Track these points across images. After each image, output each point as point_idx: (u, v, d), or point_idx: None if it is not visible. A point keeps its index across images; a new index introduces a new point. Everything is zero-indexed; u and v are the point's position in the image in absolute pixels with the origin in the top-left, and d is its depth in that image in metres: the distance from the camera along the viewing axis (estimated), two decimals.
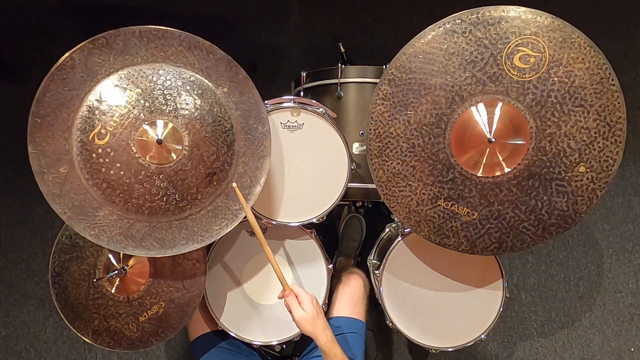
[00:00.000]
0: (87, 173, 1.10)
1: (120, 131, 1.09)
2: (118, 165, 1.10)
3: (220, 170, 1.17)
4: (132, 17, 2.18)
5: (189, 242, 1.18)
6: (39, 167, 1.09)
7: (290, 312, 1.15)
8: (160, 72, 1.13)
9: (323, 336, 1.13)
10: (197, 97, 1.14)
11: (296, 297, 1.15)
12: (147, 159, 1.11)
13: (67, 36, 2.16)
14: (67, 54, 1.07)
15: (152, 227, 1.16)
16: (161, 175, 1.12)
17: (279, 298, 1.19)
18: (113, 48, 1.10)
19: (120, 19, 2.18)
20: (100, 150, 1.09)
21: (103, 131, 1.09)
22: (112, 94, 1.10)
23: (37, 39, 2.18)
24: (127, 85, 1.11)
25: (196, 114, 1.13)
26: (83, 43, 1.08)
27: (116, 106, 1.10)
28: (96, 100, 1.10)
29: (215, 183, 1.17)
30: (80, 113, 1.09)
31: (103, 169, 1.10)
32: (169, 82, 1.12)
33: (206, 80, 1.15)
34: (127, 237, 1.14)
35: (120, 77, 1.11)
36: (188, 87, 1.14)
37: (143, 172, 1.11)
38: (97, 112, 1.09)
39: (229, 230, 1.20)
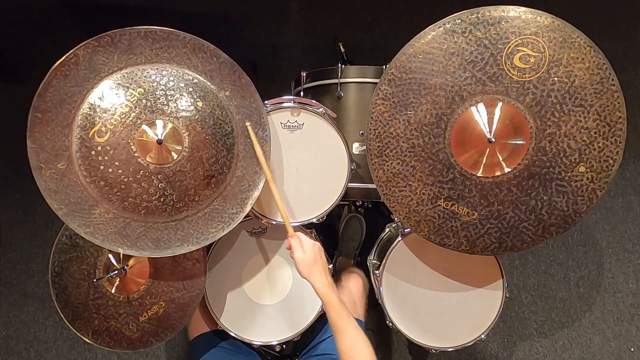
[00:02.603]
0: (85, 170, 1.10)
1: (120, 130, 1.09)
2: (117, 163, 1.10)
3: (218, 173, 1.17)
4: (132, 17, 2.18)
5: (184, 243, 1.17)
6: (37, 162, 1.09)
7: (292, 253, 1.15)
8: (164, 72, 1.13)
9: (318, 280, 1.11)
10: (199, 100, 1.14)
11: (299, 240, 1.15)
12: (147, 158, 1.11)
13: (67, 36, 2.16)
14: (71, 51, 1.07)
15: (147, 227, 1.15)
16: (159, 176, 1.12)
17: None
18: (118, 47, 1.10)
19: (120, 18, 2.17)
20: (99, 148, 1.09)
21: (103, 129, 1.09)
22: (114, 93, 1.10)
23: (37, 39, 2.18)
24: (130, 84, 1.11)
25: (197, 116, 1.13)
26: (88, 40, 1.08)
27: (118, 105, 1.10)
28: (98, 97, 1.10)
29: (213, 186, 1.17)
30: (81, 110, 1.09)
31: (101, 167, 1.10)
32: (171, 83, 1.13)
33: (209, 83, 1.16)
34: (122, 236, 1.14)
35: (124, 76, 1.11)
36: (190, 89, 1.14)
37: (142, 171, 1.11)
38: (98, 109, 1.09)
39: (224, 233, 1.20)
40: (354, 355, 1.06)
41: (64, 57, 1.07)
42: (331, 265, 1.47)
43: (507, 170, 1.11)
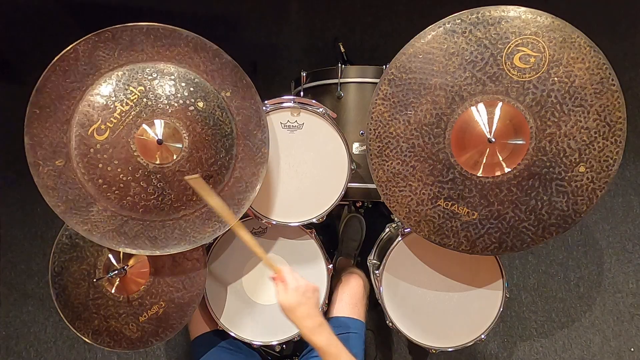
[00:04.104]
0: (84, 168, 1.10)
1: (120, 128, 1.09)
2: (116, 162, 1.10)
3: (217, 174, 1.16)
4: (132, 17, 2.16)
5: (181, 242, 1.17)
6: (34, 159, 1.08)
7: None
8: (165, 71, 1.12)
9: (300, 326, 1.08)
10: (199, 99, 1.13)
11: (283, 282, 1.09)
12: (146, 157, 1.10)
13: (67, 36, 2.14)
14: (71, 46, 1.06)
15: (145, 226, 1.15)
16: (158, 175, 1.12)
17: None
18: (119, 43, 1.09)
19: (120, 18, 2.16)
20: (98, 146, 1.09)
21: (103, 127, 1.08)
22: (114, 90, 1.10)
23: (37, 39, 2.18)
24: (130, 82, 1.10)
25: (197, 116, 1.13)
26: (88, 35, 1.06)
27: (118, 102, 1.09)
28: (98, 94, 1.09)
29: (211, 186, 1.17)
30: (80, 107, 1.09)
31: (100, 165, 1.10)
32: (172, 82, 1.12)
33: (209, 84, 1.15)
34: (119, 234, 1.14)
35: (124, 74, 1.10)
36: (191, 89, 1.13)
37: (140, 170, 1.11)
38: (97, 106, 1.09)
39: (221, 233, 1.20)
40: None
41: (63, 52, 1.06)
42: (331, 265, 1.47)
43: (507, 170, 1.11)
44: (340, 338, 1.38)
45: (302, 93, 1.62)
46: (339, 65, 1.49)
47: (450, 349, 1.43)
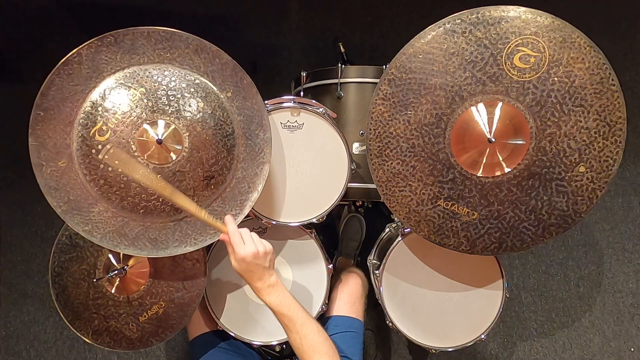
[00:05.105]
0: (86, 168, 1.10)
1: (121, 129, 1.09)
2: (117, 162, 1.10)
3: (218, 174, 1.16)
4: (132, 17, 2.18)
5: (182, 244, 1.17)
6: (38, 160, 1.09)
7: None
8: (166, 73, 1.13)
9: (253, 288, 1.12)
10: (200, 100, 1.14)
11: (232, 248, 1.11)
12: (146, 158, 1.11)
13: (67, 36, 2.16)
14: (74, 50, 1.08)
15: (146, 227, 1.15)
16: (159, 176, 1.12)
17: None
18: (121, 47, 1.11)
19: (120, 18, 2.18)
20: (100, 147, 1.09)
21: (104, 128, 1.09)
22: (116, 92, 1.10)
23: (37, 39, 2.18)
24: (132, 84, 1.11)
25: (198, 116, 1.13)
26: (91, 40, 1.09)
27: (119, 104, 1.10)
28: (100, 96, 1.10)
29: (212, 187, 1.17)
30: (83, 108, 1.10)
31: (101, 166, 1.10)
32: (173, 84, 1.13)
33: (210, 84, 1.16)
34: (120, 235, 1.14)
35: (126, 76, 1.11)
36: (192, 90, 1.14)
37: (141, 171, 1.11)
38: (100, 108, 1.10)
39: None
40: (304, 347, 1.11)
41: (67, 56, 1.07)
42: (331, 265, 1.48)
43: (507, 170, 1.11)
44: (338, 337, 1.39)
45: (302, 93, 1.62)
46: (339, 65, 1.49)
47: (450, 349, 1.43)
